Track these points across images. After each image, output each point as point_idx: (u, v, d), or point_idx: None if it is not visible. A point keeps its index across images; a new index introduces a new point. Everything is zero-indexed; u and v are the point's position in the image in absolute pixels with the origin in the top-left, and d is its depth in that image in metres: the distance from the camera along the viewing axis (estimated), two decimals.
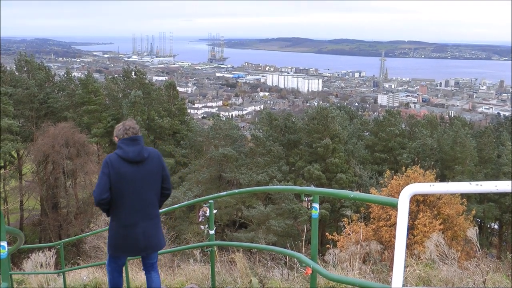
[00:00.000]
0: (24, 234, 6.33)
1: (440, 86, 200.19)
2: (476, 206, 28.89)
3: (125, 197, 4.59)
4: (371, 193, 18.91)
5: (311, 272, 4.26)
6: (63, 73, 51.03)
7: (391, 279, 6.05)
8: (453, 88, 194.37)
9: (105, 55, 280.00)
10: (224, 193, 6.77)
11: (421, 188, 2.35)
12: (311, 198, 4.28)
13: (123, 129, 4.75)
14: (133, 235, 4.67)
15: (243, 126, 77.35)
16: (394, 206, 2.98)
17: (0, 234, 4.22)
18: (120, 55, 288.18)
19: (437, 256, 6.26)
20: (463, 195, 18.48)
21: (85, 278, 10.63)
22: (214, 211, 6.22)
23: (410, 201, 2.28)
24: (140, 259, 5.33)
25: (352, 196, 3.83)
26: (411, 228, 15.40)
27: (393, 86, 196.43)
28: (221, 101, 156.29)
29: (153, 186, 4.73)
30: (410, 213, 15.36)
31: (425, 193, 2.49)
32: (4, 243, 4.23)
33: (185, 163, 38.48)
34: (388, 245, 14.92)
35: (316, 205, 4.24)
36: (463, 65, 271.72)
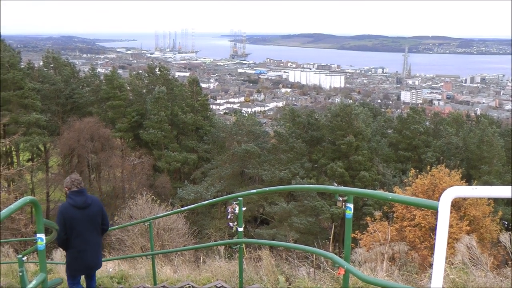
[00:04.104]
0: None
1: (465, 82, 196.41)
2: (503, 208, 28.18)
3: (77, 232, 6.22)
4: (395, 192, 18.70)
5: (344, 272, 4.23)
6: (87, 69, 51.81)
7: (422, 281, 5.92)
8: (479, 84, 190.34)
9: (128, 52, 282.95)
10: (255, 191, 6.76)
11: (463, 191, 2.29)
12: (345, 198, 4.25)
13: (70, 181, 6.35)
14: (84, 258, 6.39)
15: (265, 122, 77.18)
16: (435, 210, 2.93)
17: (39, 227, 4.30)
18: (143, 51, 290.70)
19: (469, 259, 6.11)
20: None
21: (111, 270, 10.81)
22: (243, 209, 6.23)
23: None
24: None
25: (390, 197, 3.77)
26: (435, 229, 15.13)
27: (416, 83, 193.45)
28: (243, 97, 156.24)
29: (95, 224, 6.44)
30: (435, 213, 15.12)
31: (467, 197, 2.43)
32: (42, 235, 4.32)
33: (207, 158, 38.65)
34: (412, 246, 14.73)
35: (351, 205, 4.20)
36: (489, 61, 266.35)
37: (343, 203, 4.27)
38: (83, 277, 7.07)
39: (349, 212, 4.25)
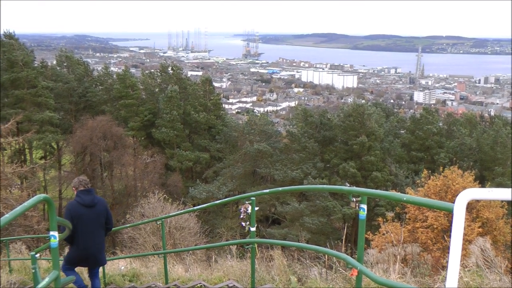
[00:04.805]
0: None
1: (479, 83, 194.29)
2: None
3: (82, 230, 6.46)
4: (407, 193, 18.52)
5: (357, 273, 4.19)
6: (100, 68, 52.12)
7: (435, 284, 5.84)
8: (493, 85, 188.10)
9: (141, 51, 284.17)
10: (267, 190, 6.73)
11: (479, 194, 2.24)
12: (359, 199, 4.21)
13: (78, 181, 6.67)
14: (86, 256, 6.66)
15: (277, 122, 76.97)
16: (449, 211, 2.89)
17: (52, 224, 4.32)
18: (155, 50, 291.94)
19: (482, 262, 6.01)
20: None
21: (122, 268, 10.86)
22: (256, 208, 6.20)
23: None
24: None
25: (405, 199, 3.72)
26: (447, 230, 14.97)
27: (429, 83, 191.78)
28: (255, 97, 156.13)
29: (100, 223, 6.72)
30: (448, 215, 14.94)
31: (482, 199, 2.38)
32: (55, 233, 4.33)
33: (219, 157, 38.71)
34: (424, 247, 14.58)
35: (364, 206, 4.16)
36: (504, 61, 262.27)
37: (357, 204, 4.23)
38: (86, 275, 7.24)
39: (363, 213, 4.21)
